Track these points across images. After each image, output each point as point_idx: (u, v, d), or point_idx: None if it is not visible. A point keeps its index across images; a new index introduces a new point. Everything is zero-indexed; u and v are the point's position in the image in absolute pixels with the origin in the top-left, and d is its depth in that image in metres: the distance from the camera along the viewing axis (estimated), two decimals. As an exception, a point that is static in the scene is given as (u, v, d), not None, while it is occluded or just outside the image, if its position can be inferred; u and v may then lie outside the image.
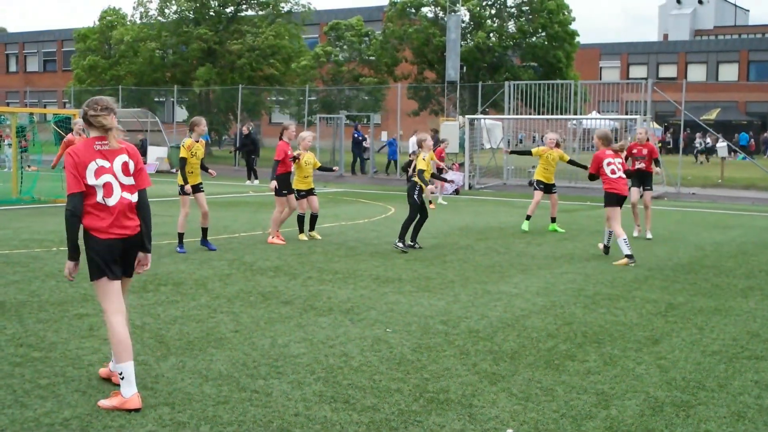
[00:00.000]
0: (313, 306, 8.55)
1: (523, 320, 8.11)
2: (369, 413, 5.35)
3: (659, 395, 5.85)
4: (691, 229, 16.71)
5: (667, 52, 69.78)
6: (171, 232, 14.05)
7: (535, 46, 39.09)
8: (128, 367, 5.39)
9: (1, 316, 7.82)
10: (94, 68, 51.88)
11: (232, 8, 45.87)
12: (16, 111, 26.72)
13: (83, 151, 5.49)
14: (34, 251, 11.83)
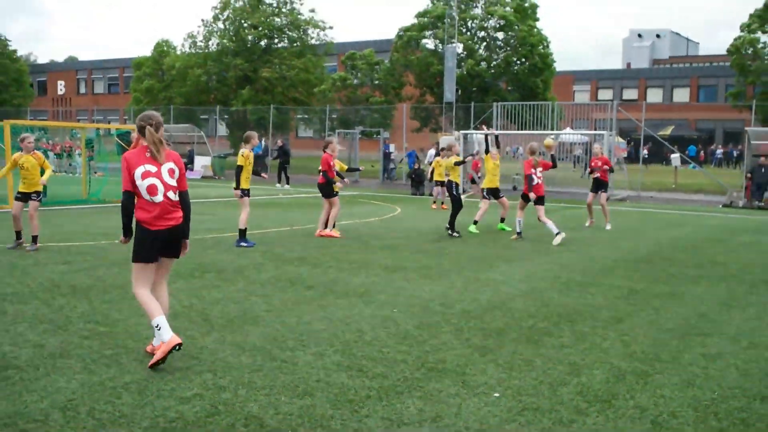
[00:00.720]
0: (333, 290, 8.58)
1: (508, 303, 8.12)
2: (379, 380, 5.37)
3: (622, 365, 5.86)
4: (649, 227, 16.71)
5: (629, 78, 69.57)
6: (214, 228, 14.11)
7: (518, 73, 39.06)
8: (161, 320, 5.52)
9: (72, 297, 7.86)
10: (149, 90, 52.10)
11: (266, 41, 45.90)
12: (85, 126, 26.82)
13: (135, 157, 5.65)
14: (100, 243, 11.87)
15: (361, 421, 4.58)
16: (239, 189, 12.14)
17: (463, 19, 38.52)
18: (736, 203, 24.69)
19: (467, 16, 39.01)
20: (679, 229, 16.51)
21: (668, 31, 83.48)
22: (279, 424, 4.50)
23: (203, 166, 36.08)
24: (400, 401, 4.95)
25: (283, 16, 45.77)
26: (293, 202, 21.53)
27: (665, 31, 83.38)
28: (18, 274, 9.04)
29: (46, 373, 5.33)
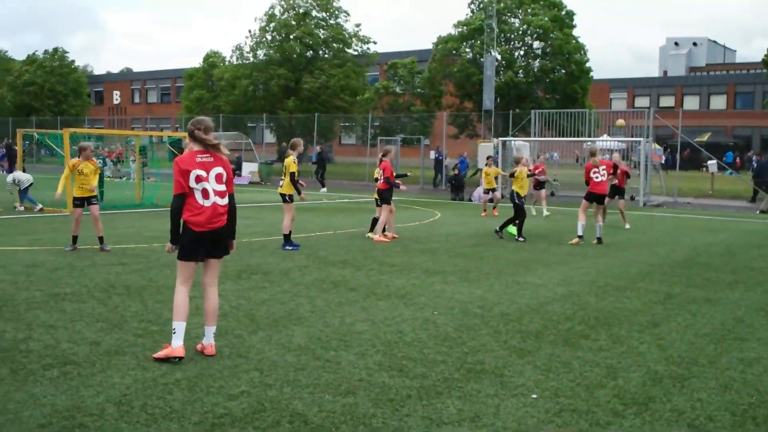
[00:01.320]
0: (374, 292, 8.58)
1: (546, 306, 8.05)
2: (419, 380, 5.35)
3: (659, 369, 5.77)
4: (686, 233, 16.42)
5: (666, 86, 68.52)
6: (260, 231, 14.23)
7: (555, 81, 38.75)
8: (180, 325, 5.65)
9: (127, 297, 7.99)
10: (199, 100, 52.86)
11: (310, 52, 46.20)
12: (139, 134, 27.26)
13: (187, 161, 5.71)
14: (152, 246, 12.04)
15: (401, 420, 4.58)
16: (292, 194, 12.32)
17: (502, 29, 38.33)
18: (773, 209, 24.16)
19: (506, 27, 38.81)
20: (716, 234, 16.20)
21: (705, 39, 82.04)
22: (322, 422, 4.51)
23: (250, 172, 36.42)
24: (439, 401, 4.93)
25: (328, 30, 46.02)
26: (336, 207, 21.61)
27: (702, 39, 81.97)
28: (76, 275, 9.21)
29: (102, 369, 5.41)
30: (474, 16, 39.76)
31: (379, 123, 42.69)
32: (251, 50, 47.18)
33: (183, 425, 4.40)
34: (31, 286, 8.45)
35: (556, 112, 31.40)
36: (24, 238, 12.72)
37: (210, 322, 5.90)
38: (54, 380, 5.14)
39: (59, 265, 9.89)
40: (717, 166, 31.87)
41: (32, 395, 4.83)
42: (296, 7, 45.99)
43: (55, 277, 9.06)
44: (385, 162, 13.92)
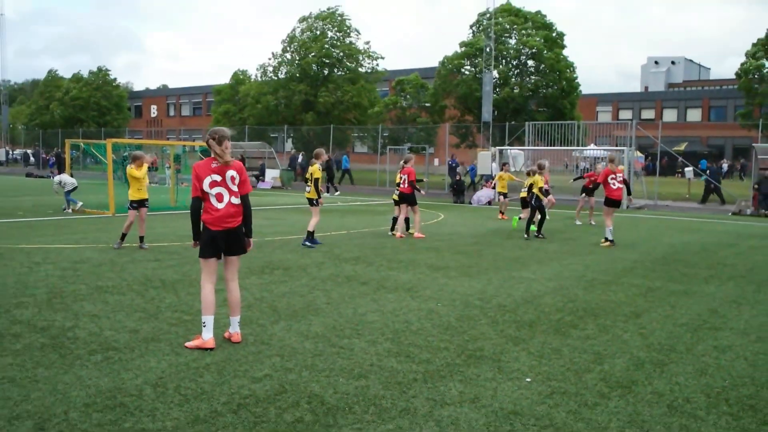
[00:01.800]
0: (384, 286, 8.57)
1: (539, 298, 8.02)
2: (424, 365, 5.34)
3: (641, 355, 5.74)
4: (665, 232, 16.34)
5: (647, 100, 68.15)
6: (281, 231, 14.23)
7: (547, 96, 38.65)
8: (209, 319, 5.64)
9: (162, 289, 8.00)
10: (227, 113, 53.00)
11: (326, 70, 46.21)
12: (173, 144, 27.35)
13: (203, 167, 5.74)
14: (185, 244, 12.06)
15: (408, 401, 4.57)
16: (318, 198, 12.57)
17: (499, 49, 38.26)
18: (744, 211, 24.00)
19: (503, 47, 38.76)
20: (692, 234, 16.10)
21: (682, 58, 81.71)
22: (337, 402, 4.50)
23: (273, 178, 36.47)
24: (443, 384, 4.91)
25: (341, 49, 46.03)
26: (349, 209, 21.59)
27: (680, 58, 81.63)
28: (117, 270, 9.24)
29: (140, 354, 5.43)
30: (475, 37, 39.73)
31: (389, 133, 42.67)
32: (274, 70, 47.26)
33: (212, 405, 4.41)
34: (78, 280, 8.48)
35: (547, 123, 31.32)
36: (71, 237, 12.77)
37: (234, 312, 5.91)
38: (98, 364, 5.15)
39: (102, 261, 9.93)
40: (693, 172, 31.72)
41: (79, 377, 4.85)
42: (314, 29, 46.07)
43: (98, 271, 9.09)
44: (409, 168, 14.07)
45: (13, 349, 5.48)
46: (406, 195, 13.97)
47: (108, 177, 18.65)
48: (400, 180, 14.05)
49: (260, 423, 4.15)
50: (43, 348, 5.54)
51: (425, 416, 4.32)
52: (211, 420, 4.17)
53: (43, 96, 66.40)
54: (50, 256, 10.26)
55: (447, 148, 36.52)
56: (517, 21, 39.11)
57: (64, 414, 4.20)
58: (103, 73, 65.72)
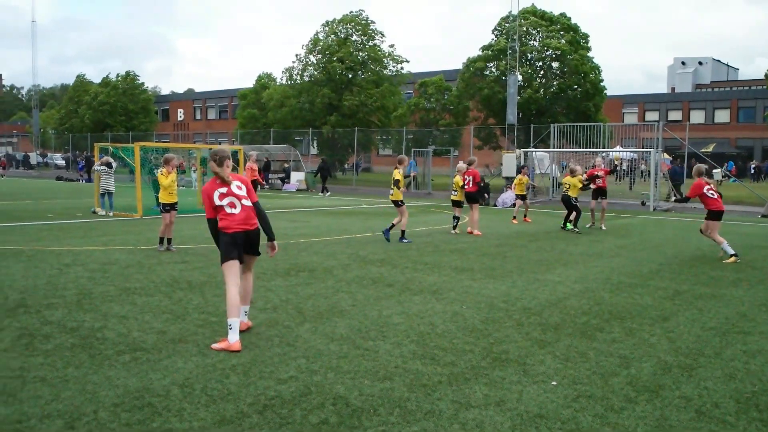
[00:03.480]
0: (409, 288, 8.56)
1: (564, 301, 7.96)
2: (449, 367, 5.33)
3: (668, 359, 5.67)
4: (693, 235, 16.10)
5: (674, 101, 67.41)
6: (307, 233, 14.29)
7: (570, 98, 38.35)
8: (235, 321, 5.75)
9: (189, 291, 8.08)
10: (252, 117, 53.33)
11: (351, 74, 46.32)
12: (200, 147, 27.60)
13: (210, 187, 6.03)
14: (211, 246, 12.10)
15: (433, 404, 4.55)
16: (402, 199, 13.44)
17: (523, 51, 38.08)
18: (774, 213, 23.60)
19: (527, 48, 38.56)
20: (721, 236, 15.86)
21: (710, 59, 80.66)
22: (362, 404, 4.51)
23: (298, 181, 36.66)
24: (468, 386, 4.90)
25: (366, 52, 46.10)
26: (374, 212, 21.60)
27: (707, 58, 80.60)
28: (145, 272, 9.34)
29: (168, 355, 5.48)
30: (497, 40, 39.57)
31: (413, 135, 42.66)
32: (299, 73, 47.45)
33: (238, 406, 4.43)
34: (107, 281, 8.59)
35: (572, 125, 31.10)
36: (100, 239, 12.94)
37: (244, 301, 6.11)
38: (126, 364, 5.21)
39: (130, 263, 10.05)
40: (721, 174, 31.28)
41: (107, 377, 4.91)
42: (338, 32, 46.20)
43: (127, 273, 9.20)
44: (474, 170, 15.50)
45: (44, 349, 5.57)
46: (470, 194, 15.38)
47: (136, 180, 18.87)
48: (464, 181, 15.36)
49: (286, 424, 4.17)
50: (72, 348, 5.62)
51: (450, 419, 4.30)
52: (237, 421, 4.20)
53: (73, 101, 67.43)
54: (80, 258, 10.40)
55: (471, 151, 36.39)
56: (541, 23, 38.88)
57: (93, 413, 4.25)
58: (131, 78, 66.56)
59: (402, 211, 13.38)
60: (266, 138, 46.93)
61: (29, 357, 5.36)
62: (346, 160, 48.65)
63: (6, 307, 7.03)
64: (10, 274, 8.97)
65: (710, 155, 40.92)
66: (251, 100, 55.20)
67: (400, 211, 13.41)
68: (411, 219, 14.54)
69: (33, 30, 66.64)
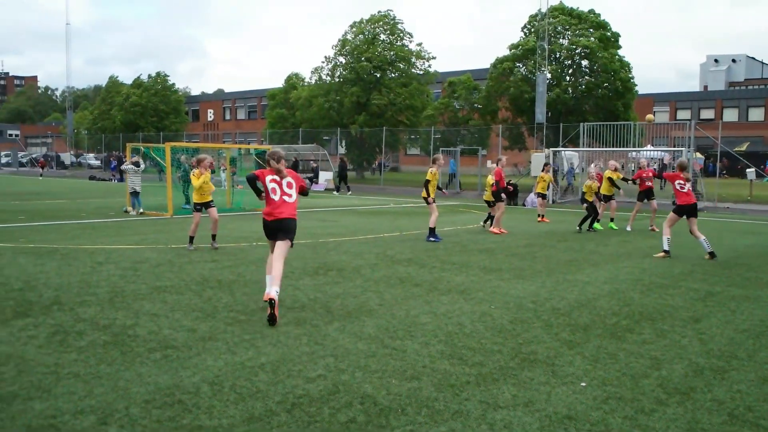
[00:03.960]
0: (437, 288, 8.55)
1: (594, 302, 7.89)
2: (477, 367, 5.31)
3: (700, 361, 5.58)
4: (726, 235, 15.85)
5: (706, 99, 66.31)
6: (335, 233, 14.33)
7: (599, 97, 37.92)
8: (270, 278, 6.82)
9: (219, 289, 8.15)
10: (281, 117, 53.64)
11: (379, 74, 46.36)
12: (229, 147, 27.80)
13: (266, 172, 7.29)
14: (240, 245, 12.27)
15: (461, 404, 4.54)
16: (428, 197, 13.55)
17: (552, 50, 37.77)
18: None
19: (555, 47, 38.24)
20: (754, 237, 15.59)
21: (743, 56, 79.28)
22: (390, 404, 4.51)
23: (326, 180, 36.79)
24: (496, 387, 4.87)
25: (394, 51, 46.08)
26: (402, 211, 21.60)
27: (741, 56, 79.24)
28: (176, 270, 9.45)
29: (198, 353, 5.54)
30: (526, 39, 39.31)
31: (441, 135, 42.55)
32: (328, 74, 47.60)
33: (267, 404, 4.47)
34: (138, 279, 8.71)
35: (602, 124, 30.78)
36: (131, 238, 13.12)
37: (274, 283, 6.75)
38: (157, 362, 5.28)
39: (161, 262, 10.17)
40: (755, 173, 30.71)
41: (139, 374, 4.98)
42: (366, 32, 46.25)
43: (157, 272, 9.32)
44: (498, 168, 15.37)
45: (78, 346, 5.66)
46: (494, 193, 15.29)
47: (167, 179, 19.10)
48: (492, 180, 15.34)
49: (314, 422, 4.19)
50: (105, 345, 5.70)
51: (478, 419, 4.29)
52: (265, 419, 4.23)
53: (105, 101, 68.48)
54: (112, 257, 10.56)
55: (500, 150, 36.21)
56: (570, 21, 38.53)
57: (125, 410, 4.32)
58: (161, 79, 67.37)
59: (431, 209, 13.57)
60: (295, 138, 47.15)
61: (63, 353, 5.46)
62: (374, 159, 48.70)
63: (41, 305, 7.17)
64: (45, 271, 9.15)
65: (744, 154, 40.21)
66: (280, 100, 55.55)
67: (430, 209, 13.63)
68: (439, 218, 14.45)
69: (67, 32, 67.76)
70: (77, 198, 25.50)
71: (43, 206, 20.80)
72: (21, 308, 7.00)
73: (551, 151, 29.18)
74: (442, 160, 14.12)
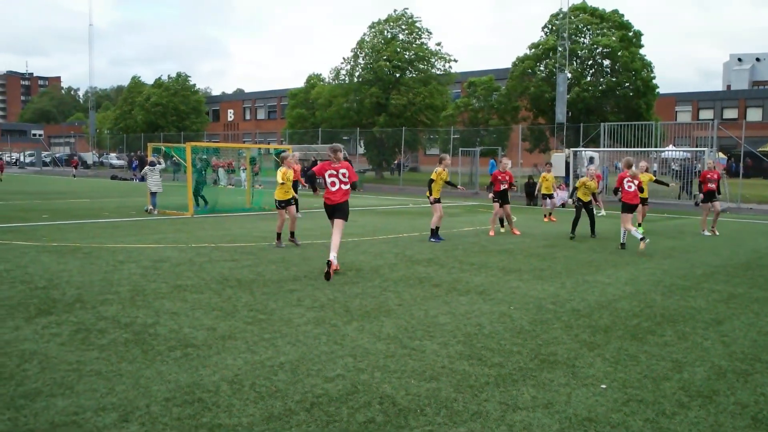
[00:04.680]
0: (456, 288, 8.53)
1: (614, 303, 7.82)
2: (496, 368, 5.29)
3: (723, 364, 5.52)
4: (749, 236, 15.65)
5: (729, 99, 65.50)
6: (355, 233, 14.34)
7: (621, 97, 37.61)
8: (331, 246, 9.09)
9: (238, 289, 8.19)
10: (300, 117, 53.80)
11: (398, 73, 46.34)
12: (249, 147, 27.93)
13: (326, 166, 9.48)
14: (260, 244, 12.32)
15: (480, 405, 4.53)
16: (431, 197, 13.58)
17: (572, 48, 37.54)
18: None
19: (576, 46, 38.00)
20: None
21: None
22: (409, 404, 4.51)
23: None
24: (515, 388, 4.85)
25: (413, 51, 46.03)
26: (420, 211, 21.56)
27: (765, 54, 78.18)
28: (196, 269, 9.52)
29: (217, 351, 5.57)
30: (547, 38, 39.12)
31: (460, 135, 42.43)
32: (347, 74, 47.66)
33: (286, 403, 4.48)
34: (159, 278, 8.78)
35: (623, 124, 30.55)
36: (152, 237, 13.23)
37: (333, 250, 8.93)
38: (177, 360, 5.32)
39: (181, 261, 10.24)
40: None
41: (159, 372, 5.01)
42: (384, 32, 46.26)
43: (178, 271, 9.39)
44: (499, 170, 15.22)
45: (99, 344, 5.72)
46: (497, 193, 14.98)
47: (187, 179, 19.23)
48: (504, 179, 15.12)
49: (333, 422, 4.19)
50: (126, 343, 5.75)
51: (497, 420, 4.27)
52: (285, 418, 4.24)
53: (127, 102, 69.11)
54: (133, 255, 10.66)
55: (520, 151, 36.04)
56: (592, 20, 38.27)
57: (146, 407, 4.35)
58: (182, 79, 67.86)
59: (433, 209, 13.56)
60: (314, 138, 47.26)
61: (85, 351, 5.52)
62: (393, 159, 48.70)
63: (64, 302, 7.25)
64: (67, 270, 9.25)
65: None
66: (300, 100, 55.74)
67: (433, 209, 13.60)
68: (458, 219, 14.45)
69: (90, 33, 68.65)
70: (99, 197, 25.77)
71: (65, 205, 21.05)
72: (44, 306, 7.08)
73: (571, 151, 28.99)
74: (448, 159, 13.92)
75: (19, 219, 16.45)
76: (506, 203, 14.91)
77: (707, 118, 51.81)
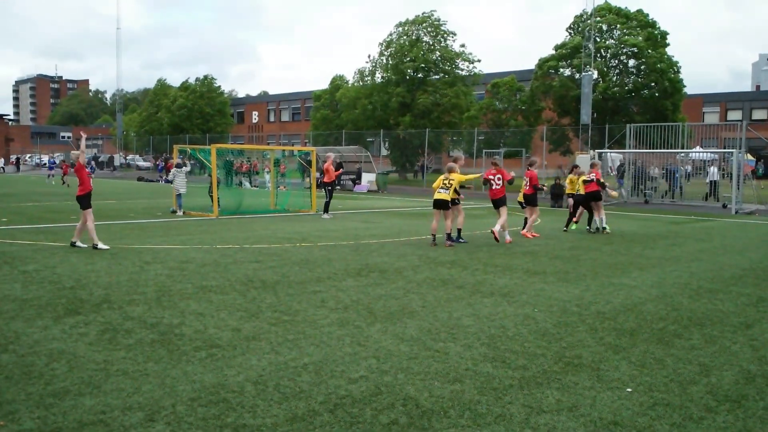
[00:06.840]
0: (479, 290, 8.49)
1: (640, 306, 7.74)
2: (520, 371, 5.26)
3: (751, 369, 5.43)
4: (778, 239, 15.40)
5: (759, 99, 64.54)
6: (378, 234, 14.34)
7: (646, 97, 37.21)
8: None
9: (262, 290, 8.23)
10: (325, 118, 53.99)
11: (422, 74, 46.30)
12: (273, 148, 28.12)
13: (489, 172, 10.13)
14: (284, 246, 12.37)
15: (504, 407, 4.50)
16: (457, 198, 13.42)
17: (598, 48, 37.23)
18: None
19: (601, 45, 37.69)
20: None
21: (798, 55, 76.94)
22: (432, 406, 4.50)
23: (369, 182, 36.85)
24: (539, 391, 4.82)
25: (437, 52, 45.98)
26: (445, 213, 21.53)
27: (795, 54, 76.89)
28: (221, 270, 9.58)
29: (242, 352, 5.60)
30: (572, 38, 38.84)
31: (484, 137, 42.30)
32: (370, 73, 47.73)
33: (310, 404, 4.49)
34: (184, 279, 8.85)
35: (649, 125, 30.21)
36: (178, 238, 13.35)
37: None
38: (202, 360, 5.36)
39: (207, 262, 10.32)
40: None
41: (185, 372, 5.06)
42: (409, 33, 46.27)
43: (203, 272, 9.46)
44: (532, 171, 14.86)
45: (126, 344, 5.78)
46: (526, 196, 14.81)
47: (212, 180, 19.39)
48: (525, 182, 14.96)
49: (356, 423, 4.20)
50: (152, 343, 5.81)
51: (521, 423, 4.25)
52: (308, 419, 4.26)
53: (153, 104, 69.87)
54: (159, 256, 10.76)
55: (544, 153, 35.84)
56: (617, 20, 37.93)
57: (171, 407, 4.39)
58: (208, 81, 68.46)
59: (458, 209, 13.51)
60: (338, 139, 47.40)
61: (112, 351, 5.58)
62: (416, 161, 48.68)
63: (91, 303, 7.35)
64: (95, 270, 9.37)
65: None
66: (325, 101, 55.94)
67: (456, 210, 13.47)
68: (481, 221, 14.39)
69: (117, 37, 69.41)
70: (126, 199, 26.07)
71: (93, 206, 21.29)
72: (72, 306, 7.18)
73: (596, 152, 28.75)
74: (462, 159, 14.27)
75: (49, 220, 16.71)
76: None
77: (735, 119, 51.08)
